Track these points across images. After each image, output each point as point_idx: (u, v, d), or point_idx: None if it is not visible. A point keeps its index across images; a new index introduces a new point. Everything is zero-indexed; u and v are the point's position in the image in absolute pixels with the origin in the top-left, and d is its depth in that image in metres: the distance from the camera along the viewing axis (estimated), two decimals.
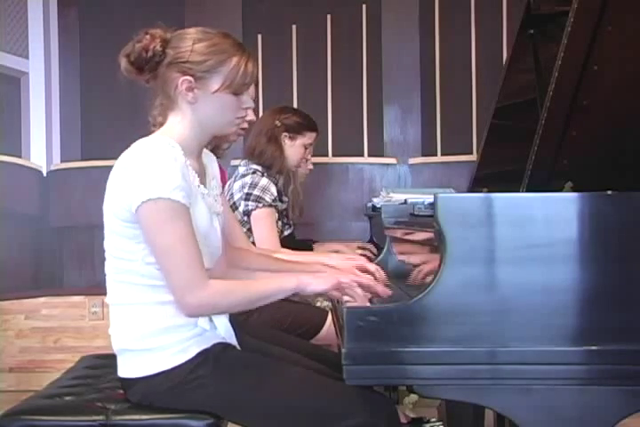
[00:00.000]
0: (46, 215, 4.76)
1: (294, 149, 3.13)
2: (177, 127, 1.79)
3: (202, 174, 1.84)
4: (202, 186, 1.81)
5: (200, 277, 1.67)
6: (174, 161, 1.68)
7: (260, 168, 3.02)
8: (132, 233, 1.70)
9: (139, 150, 1.71)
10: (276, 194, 2.94)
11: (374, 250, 3.17)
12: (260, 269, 1.98)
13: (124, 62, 1.76)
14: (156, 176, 1.65)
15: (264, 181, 2.94)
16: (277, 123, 3.10)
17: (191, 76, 1.74)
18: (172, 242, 1.66)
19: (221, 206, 1.91)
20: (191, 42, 1.75)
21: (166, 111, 1.81)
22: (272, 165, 3.04)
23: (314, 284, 1.73)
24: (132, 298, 1.75)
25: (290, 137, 3.11)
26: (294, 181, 3.12)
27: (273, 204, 2.92)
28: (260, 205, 2.89)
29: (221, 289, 1.71)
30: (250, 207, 2.89)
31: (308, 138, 3.17)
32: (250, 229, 2.90)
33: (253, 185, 2.92)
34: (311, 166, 3.31)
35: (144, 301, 1.73)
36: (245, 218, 2.90)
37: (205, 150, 1.92)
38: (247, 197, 2.91)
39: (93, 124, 5.06)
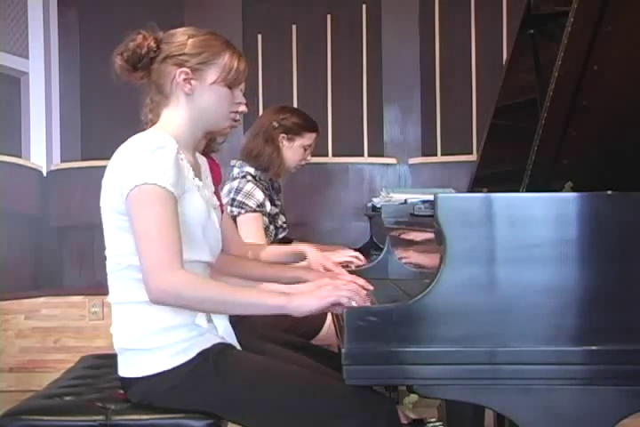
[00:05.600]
0: (46, 215, 4.76)
1: (293, 150, 3.07)
2: (172, 122, 1.81)
3: (197, 169, 1.86)
4: (197, 179, 1.82)
5: (170, 262, 1.64)
6: (163, 149, 1.69)
7: (252, 171, 2.98)
8: (128, 226, 1.70)
9: (130, 143, 1.74)
10: (261, 199, 2.89)
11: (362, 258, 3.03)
12: (246, 275, 2.00)
13: (118, 60, 1.79)
14: (145, 163, 1.66)
15: (249, 186, 2.90)
16: (275, 124, 3.05)
17: (188, 68, 1.78)
18: (149, 225, 1.65)
19: (217, 201, 1.92)
20: (185, 37, 1.80)
21: (159, 108, 1.84)
22: (269, 167, 3.00)
23: (307, 304, 1.64)
24: (133, 296, 1.75)
25: (288, 138, 3.06)
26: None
27: (258, 209, 2.88)
28: (243, 211, 2.86)
29: (190, 280, 1.66)
30: (234, 213, 2.87)
31: (308, 139, 3.11)
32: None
33: (238, 190, 2.89)
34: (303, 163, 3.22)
35: (145, 299, 1.72)
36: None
37: (197, 154, 1.93)
38: (232, 202, 2.89)
39: (93, 124, 5.05)
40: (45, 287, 4.57)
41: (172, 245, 1.65)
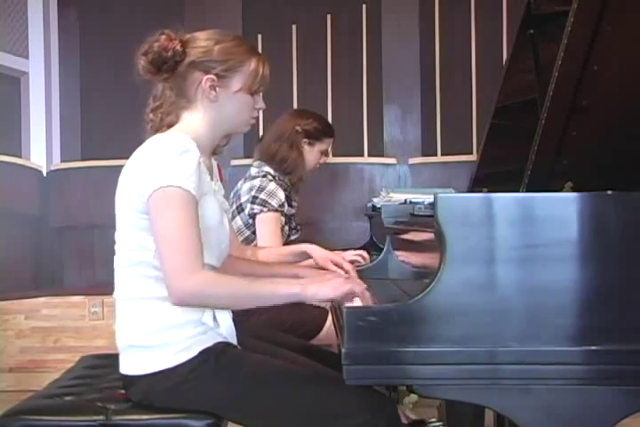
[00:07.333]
0: (46, 215, 4.76)
1: (312, 154, 3.12)
2: (192, 125, 1.82)
3: (211, 173, 1.87)
4: (212, 182, 1.84)
5: (192, 264, 1.65)
6: (189, 153, 1.70)
7: (271, 171, 3.01)
8: (146, 224, 1.71)
9: (154, 143, 1.74)
10: (283, 199, 2.92)
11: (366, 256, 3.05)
12: (246, 274, 2.00)
13: (142, 61, 1.78)
14: (170, 165, 1.67)
15: (272, 185, 2.93)
16: (298, 128, 3.08)
17: (214, 74, 1.79)
18: (171, 226, 1.66)
19: (227, 205, 1.94)
20: (213, 42, 1.81)
21: (179, 110, 1.84)
22: (294, 171, 3.04)
23: (321, 293, 1.70)
24: (140, 292, 1.75)
25: (309, 143, 3.10)
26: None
27: (279, 209, 2.90)
28: (266, 209, 2.88)
29: (212, 279, 1.68)
30: (255, 211, 2.89)
31: (326, 144, 3.17)
32: (255, 232, 2.90)
33: (261, 189, 2.91)
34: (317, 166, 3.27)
35: (152, 295, 1.73)
36: (251, 221, 2.90)
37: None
38: (253, 200, 2.90)
39: (93, 124, 5.06)
40: (45, 287, 4.57)
41: (192, 248, 1.66)
